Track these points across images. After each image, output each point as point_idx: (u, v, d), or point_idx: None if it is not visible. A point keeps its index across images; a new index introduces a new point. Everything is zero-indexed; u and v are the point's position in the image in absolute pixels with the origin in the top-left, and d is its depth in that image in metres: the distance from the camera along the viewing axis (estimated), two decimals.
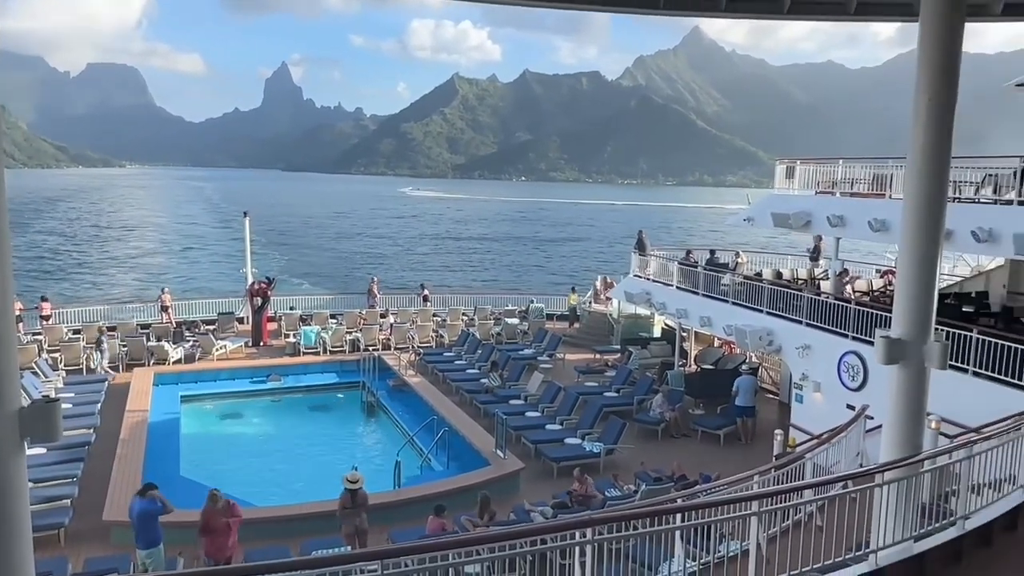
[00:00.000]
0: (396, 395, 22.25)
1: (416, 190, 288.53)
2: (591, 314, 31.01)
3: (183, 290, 51.45)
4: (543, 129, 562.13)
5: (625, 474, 15.33)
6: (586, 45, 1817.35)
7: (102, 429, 17.83)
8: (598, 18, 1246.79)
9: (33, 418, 4.49)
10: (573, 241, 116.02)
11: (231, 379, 23.76)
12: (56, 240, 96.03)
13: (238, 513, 11.47)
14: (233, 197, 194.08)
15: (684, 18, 15.50)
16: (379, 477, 15.53)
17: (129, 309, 30.48)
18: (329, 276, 70.08)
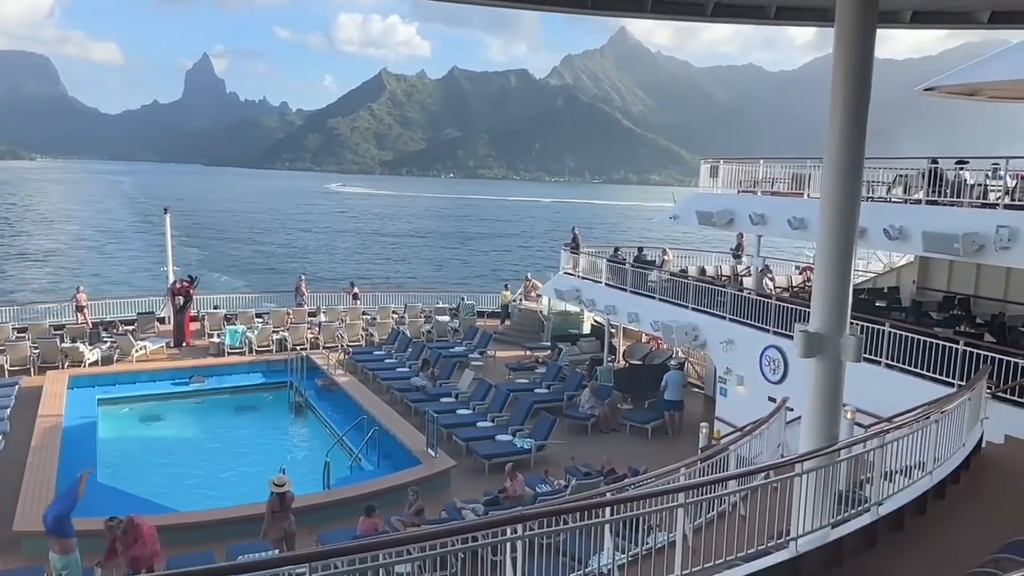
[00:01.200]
0: (325, 395, 21.93)
1: (343, 186, 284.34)
2: (522, 311, 31.17)
3: (100, 287, 49.44)
4: (472, 126, 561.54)
5: (555, 469, 15.48)
6: (515, 43, 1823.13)
7: (12, 436, 16.97)
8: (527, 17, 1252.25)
9: None
10: (503, 238, 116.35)
11: (152, 381, 22.99)
12: None
13: (141, 534, 10.84)
14: (152, 192, 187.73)
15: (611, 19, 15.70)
16: (308, 478, 15.29)
17: (41, 309, 29.10)
18: (254, 273, 68.51)
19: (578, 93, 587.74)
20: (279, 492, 11.91)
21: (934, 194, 15.44)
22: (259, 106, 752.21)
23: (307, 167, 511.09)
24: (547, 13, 15.83)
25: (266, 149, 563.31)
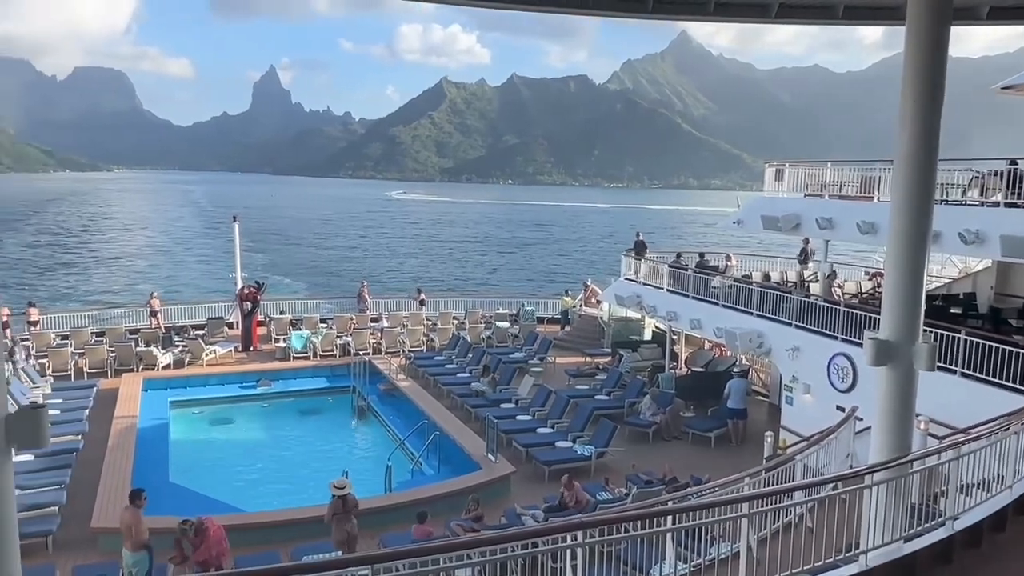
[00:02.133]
0: (387, 399, 22.21)
1: (404, 193, 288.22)
2: (582, 317, 31.02)
3: (171, 292, 51.33)
4: (531, 133, 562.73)
5: (616, 477, 15.33)
6: (575, 49, 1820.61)
7: (90, 436, 17.69)
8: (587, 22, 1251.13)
9: (20, 424, 4.45)
10: (562, 243, 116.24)
11: (221, 384, 23.65)
12: (44, 245, 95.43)
13: (208, 535, 11.13)
14: (221, 200, 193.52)
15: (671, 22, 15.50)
16: (370, 482, 15.52)
17: (118, 314, 30.30)
18: (317, 278, 70.24)
19: (638, 98, 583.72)
20: (340, 495, 12.09)
21: (1013, 196, 14.82)
22: (323, 116, 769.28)
23: (369, 175, 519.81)
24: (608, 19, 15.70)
25: (329, 158, 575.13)
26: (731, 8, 8.92)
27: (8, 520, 4.65)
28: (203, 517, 11.26)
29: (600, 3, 8.02)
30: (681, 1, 8.89)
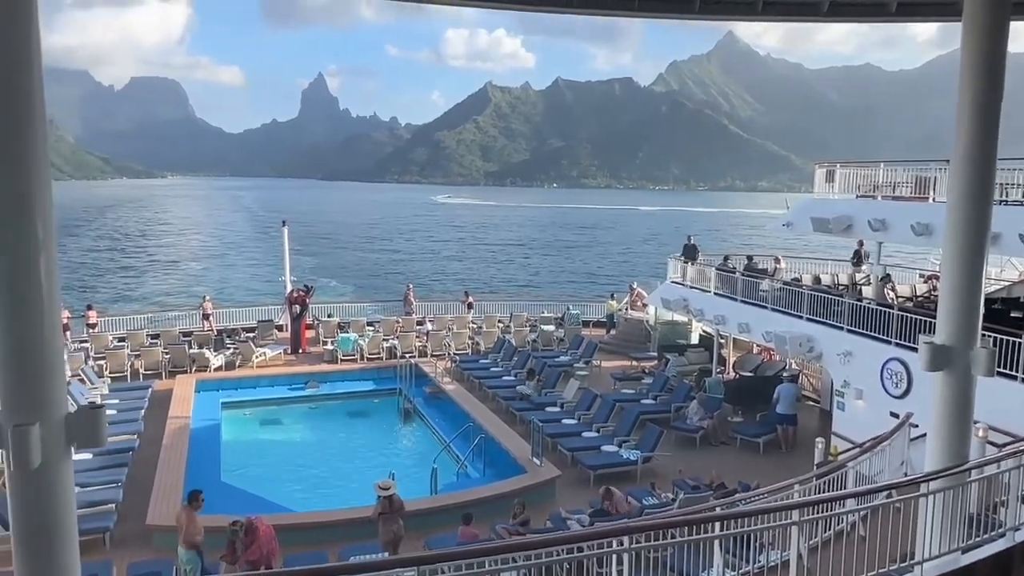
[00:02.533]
0: (432, 402, 22.34)
1: (449, 198, 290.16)
2: (627, 320, 30.82)
3: (224, 296, 52.57)
4: (575, 136, 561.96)
5: (662, 482, 15.19)
6: (620, 52, 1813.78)
7: (146, 435, 18.16)
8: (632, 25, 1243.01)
9: (79, 424, 4.57)
10: (606, 247, 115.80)
11: (270, 386, 24.04)
12: (103, 249, 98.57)
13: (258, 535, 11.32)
14: (270, 205, 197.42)
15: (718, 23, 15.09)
16: (416, 483, 15.63)
17: (172, 317, 31.11)
18: (363, 280, 71.32)
19: (683, 99, 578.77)
20: (385, 495, 12.20)
21: None
22: (370, 122, 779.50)
23: (415, 180, 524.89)
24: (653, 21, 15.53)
25: (376, 163, 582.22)
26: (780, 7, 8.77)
27: (68, 515, 4.79)
28: (253, 517, 11.47)
29: (646, 5, 7.95)
30: (728, 0, 8.74)
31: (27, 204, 4.34)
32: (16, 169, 4.27)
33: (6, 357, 4.57)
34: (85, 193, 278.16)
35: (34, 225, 4.36)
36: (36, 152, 4.37)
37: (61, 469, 4.66)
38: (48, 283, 4.49)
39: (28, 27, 4.18)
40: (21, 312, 4.48)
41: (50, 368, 4.64)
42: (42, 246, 4.43)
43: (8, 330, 4.54)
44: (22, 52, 4.26)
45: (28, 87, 4.29)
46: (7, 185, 4.29)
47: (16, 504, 4.68)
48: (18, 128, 4.25)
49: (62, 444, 4.50)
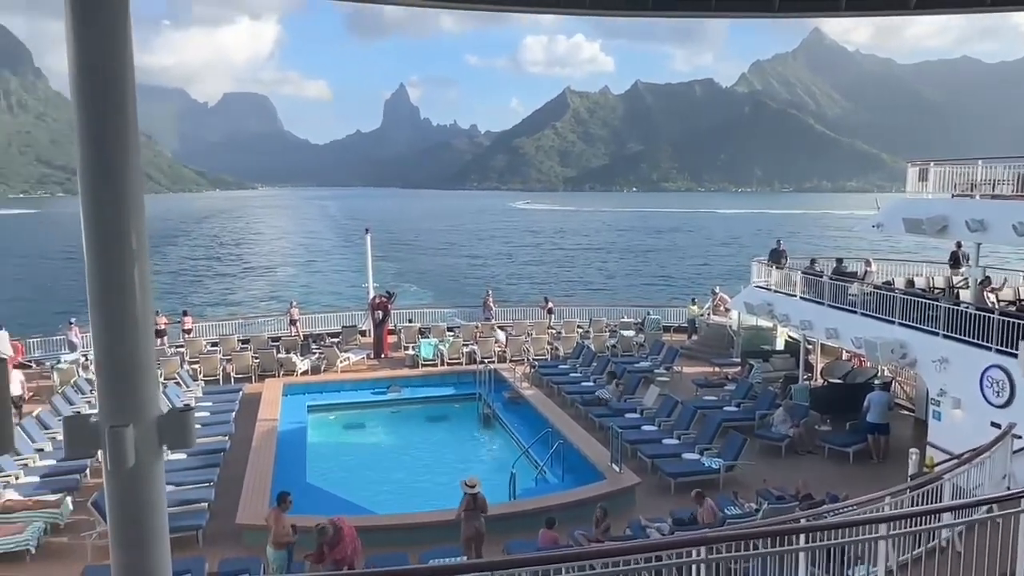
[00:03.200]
0: (511, 407, 22.40)
1: (527, 203, 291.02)
2: (709, 326, 30.22)
3: (310, 302, 54.21)
4: (655, 139, 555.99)
5: (745, 491, 14.78)
6: (700, 52, 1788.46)
7: (236, 436, 18.84)
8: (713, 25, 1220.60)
9: (170, 425, 4.74)
10: (688, 250, 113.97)
11: (354, 390, 24.56)
12: (199, 258, 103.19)
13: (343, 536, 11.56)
14: (354, 214, 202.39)
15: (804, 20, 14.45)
16: (494, 488, 15.67)
17: (261, 322, 32.24)
18: (442, 285, 72.33)
19: (767, 99, 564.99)
20: (471, 492, 12.42)
21: None
22: (450, 130, 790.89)
23: (494, 186, 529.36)
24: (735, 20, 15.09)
25: (456, 171, 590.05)
26: (866, 1, 8.38)
27: (160, 511, 4.95)
28: (336, 518, 11.74)
29: (723, 4, 7.73)
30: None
31: (122, 217, 4.53)
32: (111, 184, 4.46)
33: (103, 363, 4.78)
34: (182, 205, 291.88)
35: (128, 237, 4.55)
36: (130, 167, 4.55)
37: (154, 468, 4.84)
38: (142, 293, 4.68)
39: (123, 44, 4.37)
40: (116, 321, 4.68)
41: (143, 373, 4.83)
42: (136, 257, 4.61)
43: (104, 337, 4.74)
44: (116, 68, 4.45)
45: (122, 103, 4.48)
46: (103, 199, 4.49)
47: (113, 500, 4.89)
48: (112, 144, 4.44)
49: (155, 444, 4.68)
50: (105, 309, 4.55)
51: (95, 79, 4.37)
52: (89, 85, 4.42)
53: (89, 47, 4.28)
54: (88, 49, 4.29)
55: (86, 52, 4.28)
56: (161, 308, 30.88)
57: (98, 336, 4.77)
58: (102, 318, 4.60)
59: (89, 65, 4.29)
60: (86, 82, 4.43)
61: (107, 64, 4.30)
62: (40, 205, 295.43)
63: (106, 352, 4.70)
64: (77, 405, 20.43)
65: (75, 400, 20.86)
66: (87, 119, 4.36)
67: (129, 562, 4.95)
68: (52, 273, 77.96)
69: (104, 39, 4.24)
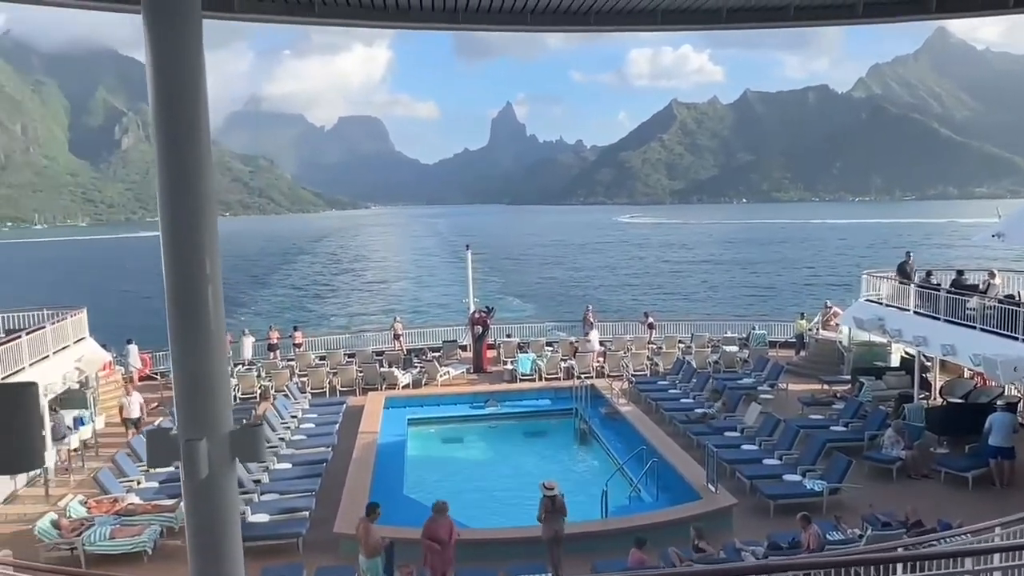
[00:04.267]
0: (608, 423, 22.17)
1: (632, 217, 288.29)
2: (819, 341, 29.02)
3: (417, 316, 55.84)
4: (766, 149, 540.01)
5: (850, 516, 14.03)
6: (814, 58, 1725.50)
7: (338, 448, 19.49)
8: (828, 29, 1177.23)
9: (241, 440, 4.98)
10: (798, 263, 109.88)
11: (453, 404, 24.93)
12: (314, 275, 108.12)
13: (453, 530, 12.04)
14: (462, 231, 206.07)
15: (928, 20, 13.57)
16: (587, 505, 15.55)
17: (366, 337, 33.29)
18: (544, 299, 72.88)
19: (886, 104, 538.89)
20: (549, 495, 12.65)
21: None
22: (556, 146, 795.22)
23: (600, 201, 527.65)
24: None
25: (562, 186, 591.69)
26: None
27: (233, 521, 5.19)
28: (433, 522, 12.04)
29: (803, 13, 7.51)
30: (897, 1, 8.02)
31: (196, 241, 4.82)
32: (186, 209, 4.75)
33: (180, 380, 5.08)
34: (301, 225, 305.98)
35: (203, 260, 4.83)
36: (204, 195, 4.84)
37: (226, 479, 5.09)
38: (215, 313, 4.96)
39: (196, 72, 4.67)
40: (191, 340, 4.98)
41: (217, 390, 5.12)
42: (209, 280, 4.90)
43: (181, 356, 5.04)
44: (190, 95, 4.75)
45: (195, 129, 4.78)
46: (178, 223, 4.78)
47: (189, 509, 5.18)
48: (187, 171, 4.73)
49: (227, 457, 4.93)
50: (181, 329, 4.86)
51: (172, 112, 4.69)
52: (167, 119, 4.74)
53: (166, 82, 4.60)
54: (166, 84, 4.61)
55: (164, 87, 4.61)
56: (277, 323, 32.43)
57: (175, 355, 5.10)
58: (179, 338, 4.91)
59: (167, 98, 4.62)
60: (164, 116, 4.76)
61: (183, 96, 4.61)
62: None
63: (182, 370, 5.01)
64: None
65: None
66: (166, 151, 4.68)
67: (204, 567, 5.23)
68: None
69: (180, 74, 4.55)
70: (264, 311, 72.06)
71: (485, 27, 8.10)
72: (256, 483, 16.57)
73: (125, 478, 16.76)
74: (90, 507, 15.21)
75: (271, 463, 17.86)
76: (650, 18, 7.81)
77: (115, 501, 15.50)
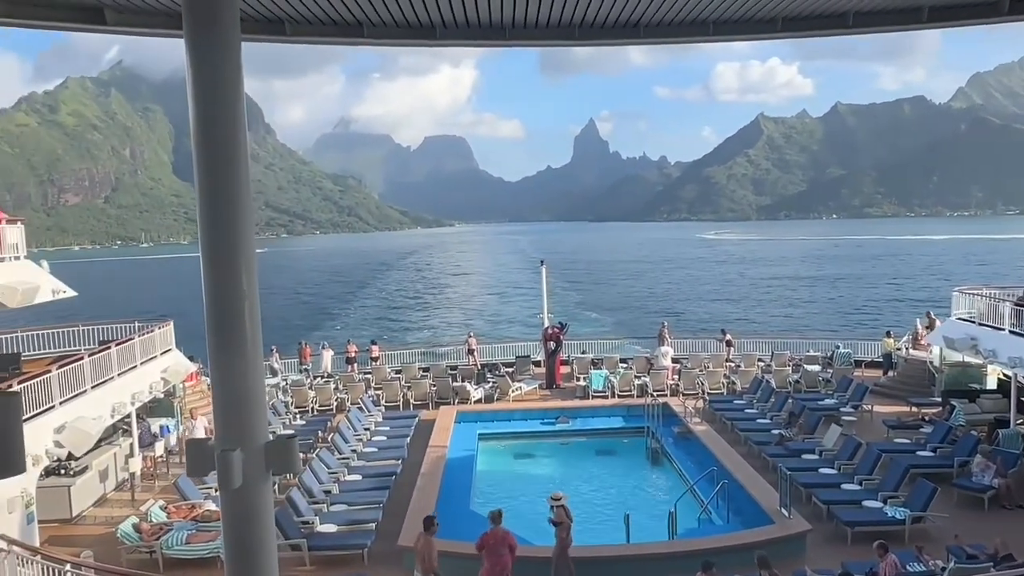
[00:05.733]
0: (680, 442, 21.66)
1: (716, 234, 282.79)
2: (908, 361, 27.70)
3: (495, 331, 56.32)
4: (857, 163, 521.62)
5: (934, 547, 13.23)
6: (909, 68, 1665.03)
7: (408, 461, 19.67)
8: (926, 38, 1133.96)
9: (276, 451, 5.08)
10: (886, 280, 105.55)
11: (524, 419, 24.81)
12: (397, 290, 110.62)
13: (513, 542, 11.99)
14: (544, 248, 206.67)
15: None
16: (654, 526, 15.22)
17: (441, 352, 33.68)
18: (621, 314, 72.48)
19: (987, 114, 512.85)
20: (558, 505, 13.21)
21: None
22: (639, 162, 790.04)
23: (683, 217, 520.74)
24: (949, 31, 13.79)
25: (645, 203, 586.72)
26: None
27: (268, 532, 5.27)
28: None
29: (862, 19, 7.23)
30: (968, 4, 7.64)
31: (234, 258, 4.96)
32: (224, 227, 4.88)
33: (217, 392, 5.23)
34: (387, 243, 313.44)
35: (239, 277, 4.97)
36: (242, 211, 4.98)
37: (261, 489, 5.18)
38: (251, 328, 5.08)
39: (235, 94, 4.82)
40: (228, 353, 5.11)
41: (252, 401, 5.24)
42: (246, 295, 5.02)
43: (218, 369, 5.18)
44: (229, 116, 4.90)
45: (234, 149, 4.92)
46: (216, 241, 4.92)
47: (225, 519, 5.30)
48: (226, 190, 4.88)
49: (261, 468, 5.03)
50: (219, 343, 5.01)
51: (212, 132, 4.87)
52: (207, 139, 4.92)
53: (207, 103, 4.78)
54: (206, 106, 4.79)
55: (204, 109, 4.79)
56: (364, 336, 33.15)
57: (213, 368, 5.26)
58: (216, 351, 5.06)
59: (207, 119, 4.79)
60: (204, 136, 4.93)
61: (223, 118, 4.77)
62: (268, 245, 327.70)
63: (219, 382, 5.16)
64: (274, 426, 22.34)
65: (272, 421, 22.81)
66: (205, 171, 4.85)
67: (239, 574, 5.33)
68: (273, 306, 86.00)
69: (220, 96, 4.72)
70: (354, 321, 74.42)
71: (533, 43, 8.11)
72: (326, 494, 16.92)
73: (204, 485, 17.36)
74: (170, 512, 15.84)
75: (342, 474, 18.21)
76: (702, 29, 7.69)
77: (193, 507, 16.09)
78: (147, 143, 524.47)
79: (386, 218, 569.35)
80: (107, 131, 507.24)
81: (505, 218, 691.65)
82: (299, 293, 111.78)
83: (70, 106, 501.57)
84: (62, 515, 16.80)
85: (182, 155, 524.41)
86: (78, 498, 17.33)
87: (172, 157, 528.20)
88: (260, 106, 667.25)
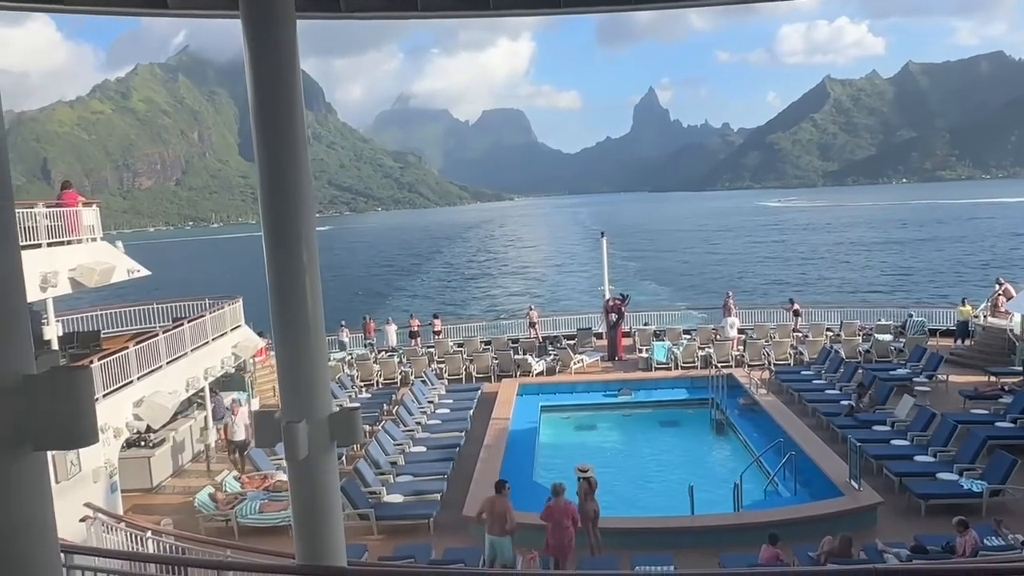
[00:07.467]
0: (746, 414, 21.36)
1: (780, 201, 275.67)
2: (986, 329, 26.63)
3: (554, 303, 56.41)
4: (929, 124, 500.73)
5: (1014, 520, 12.77)
6: (989, 22, 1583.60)
7: (471, 433, 19.92)
8: None
9: (340, 422, 5.18)
10: (962, 246, 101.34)
11: (586, 392, 24.84)
12: (458, 265, 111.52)
13: (575, 514, 12.02)
14: (603, 219, 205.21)
15: None
16: (720, 498, 15.08)
17: (503, 324, 33.84)
18: (682, 284, 71.67)
19: None
20: (584, 477, 13.17)
21: None
22: (701, 130, 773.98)
23: (747, 185, 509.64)
24: None
25: (707, 171, 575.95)
26: None
27: (333, 498, 5.40)
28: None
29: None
30: None
31: (294, 236, 5.03)
32: (285, 206, 4.95)
33: (282, 367, 5.33)
34: (447, 218, 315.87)
35: (300, 254, 5.03)
36: (302, 190, 5.04)
37: (326, 460, 5.30)
38: (312, 303, 5.15)
39: (292, 71, 4.85)
40: (291, 327, 5.19)
41: (316, 375, 5.33)
42: (307, 269, 5.09)
43: (282, 345, 5.28)
44: (287, 93, 4.95)
45: (292, 126, 4.97)
46: (278, 220, 5.00)
47: (292, 488, 5.41)
48: (285, 166, 4.93)
49: (326, 439, 5.13)
50: (282, 317, 5.09)
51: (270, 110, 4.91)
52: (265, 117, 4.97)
53: (264, 82, 4.82)
54: (264, 84, 4.83)
55: (262, 87, 4.83)
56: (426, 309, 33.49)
57: (277, 342, 5.34)
58: (280, 326, 5.15)
59: (265, 97, 4.84)
60: (263, 114, 4.98)
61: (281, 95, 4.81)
62: (331, 223, 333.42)
63: (283, 356, 5.25)
64: (340, 399, 22.84)
65: (339, 394, 23.32)
66: (265, 148, 4.91)
67: (308, 543, 5.50)
68: (339, 282, 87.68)
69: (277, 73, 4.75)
70: (418, 295, 75.56)
71: None
72: (392, 465, 17.26)
73: (275, 456, 17.89)
74: (243, 483, 16.39)
75: (407, 446, 18.54)
76: None
77: (265, 477, 16.62)
78: (214, 126, 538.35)
79: (446, 193, 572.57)
80: (176, 115, 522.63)
81: (564, 190, 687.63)
82: (369, 267, 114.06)
83: (141, 92, 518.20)
84: (143, 485, 17.59)
85: (247, 136, 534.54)
86: (158, 468, 18.10)
87: (238, 139, 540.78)
88: (320, 85, 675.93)
